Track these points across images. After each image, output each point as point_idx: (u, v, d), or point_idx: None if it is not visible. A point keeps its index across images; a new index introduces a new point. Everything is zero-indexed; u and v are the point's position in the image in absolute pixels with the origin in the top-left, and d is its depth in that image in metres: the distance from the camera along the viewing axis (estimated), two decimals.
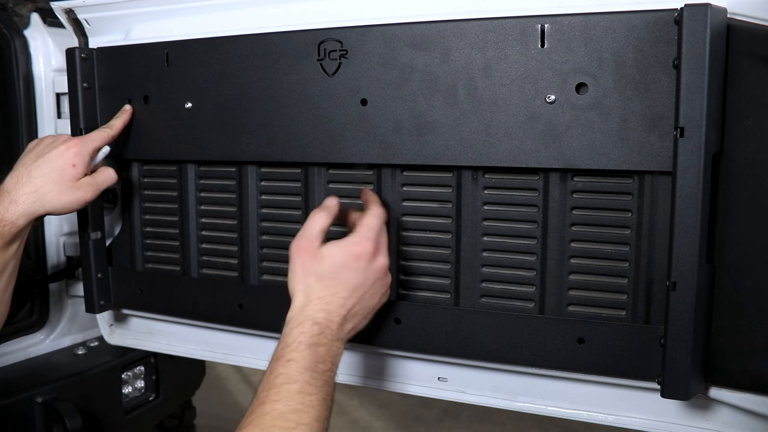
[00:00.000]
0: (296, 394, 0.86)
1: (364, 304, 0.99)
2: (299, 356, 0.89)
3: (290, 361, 0.89)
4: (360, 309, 0.98)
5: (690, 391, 0.90)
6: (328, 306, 0.95)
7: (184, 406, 2.44)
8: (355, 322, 0.98)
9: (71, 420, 1.55)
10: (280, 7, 1.17)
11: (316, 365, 0.90)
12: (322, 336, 0.93)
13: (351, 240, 0.98)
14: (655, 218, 0.94)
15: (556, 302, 1.01)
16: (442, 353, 1.10)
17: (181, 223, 1.29)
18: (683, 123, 0.85)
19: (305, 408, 0.85)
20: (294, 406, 0.85)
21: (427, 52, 1.01)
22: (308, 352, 0.90)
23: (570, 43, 0.93)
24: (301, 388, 0.87)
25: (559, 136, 0.95)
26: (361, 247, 0.97)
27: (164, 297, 1.34)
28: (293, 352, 0.90)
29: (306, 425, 0.84)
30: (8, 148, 1.65)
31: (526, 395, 1.09)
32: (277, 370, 0.89)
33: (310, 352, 0.90)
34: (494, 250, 1.05)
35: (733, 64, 0.87)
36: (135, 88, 1.26)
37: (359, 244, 0.97)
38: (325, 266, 0.96)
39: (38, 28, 1.63)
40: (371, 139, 1.06)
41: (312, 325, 0.93)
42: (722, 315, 0.91)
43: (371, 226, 0.99)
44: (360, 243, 0.97)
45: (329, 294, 0.95)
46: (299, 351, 0.90)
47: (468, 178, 1.04)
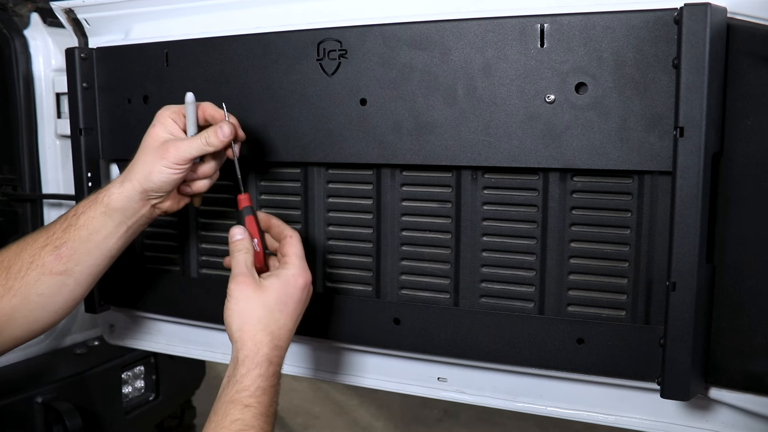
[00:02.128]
0: None
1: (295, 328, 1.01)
2: (257, 402, 0.89)
3: (248, 407, 0.89)
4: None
5: (690, 391, 0.90)
6: (279, 342, 0.95)
7: (184, 406, 2.44)
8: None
9: (71, 420, 1.55)
10: (279, 7, 1.16)
11: (269, 408, 0.91)
12: (275, 376, 0.93)
13: (290, 272, 0.99)
14: (654, 218, 0.94)
15: (556, 302, 1.01)
16: (442, 353, 1.10)
17: (181, 223, 1.29)
18: (683, 123, 0.85)
19: None
20: None
21: (426, 52, 1.01)
22: (265, 397, 0.90)
23: (569, 43, 0.93)
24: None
25: (559, 135, 0.95)
26: (303, 279, 0.99)
27: (164, 297, 1.34)
28: (251, 397, 0.90)
29: None
30: (8, 148, 1.65)
31: (526, 395, 1.09)
32: (233, 415, 0.88)
33: (267, 396, 0.91)
34: (494, 250, 1.05)
35: (733, 64, 0.87)
36: (135, 88, 1.26)
37: (300, 276, 0.99)
38: (272, 298, 0.96)
39: (38, 28, 1.64)
40: (370, 139, 1.06)
41: (268, 366, 0.92)
42: (722, 315, 0.91)
43: (300, 254, 1.01)
44: (300, 274, 0.99)
45: (278, 328, 0.95)
46: (256, 397, 0.90)
47: (467, 178, 1.04)
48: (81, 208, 1.05)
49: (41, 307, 1.05)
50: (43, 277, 1.03)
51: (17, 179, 1.65)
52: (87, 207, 1.05)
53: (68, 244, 1.04)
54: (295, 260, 1.00)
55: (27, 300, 1.04)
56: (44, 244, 1.04)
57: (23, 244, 1.06)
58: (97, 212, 1.04)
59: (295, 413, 3.57)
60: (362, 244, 1.13)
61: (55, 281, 1.04)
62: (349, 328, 1.15)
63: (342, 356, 1.22)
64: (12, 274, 1.03)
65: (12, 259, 1.04)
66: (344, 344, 1.18)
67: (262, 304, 0.95)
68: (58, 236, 1.04)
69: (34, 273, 1.03)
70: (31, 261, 1.03)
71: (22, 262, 1.03)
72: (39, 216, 1.66)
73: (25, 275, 1.03)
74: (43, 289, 1.04)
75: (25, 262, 1.03)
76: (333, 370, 1.25)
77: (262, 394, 0.90)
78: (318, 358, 1.26)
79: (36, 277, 1.03)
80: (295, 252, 1.01)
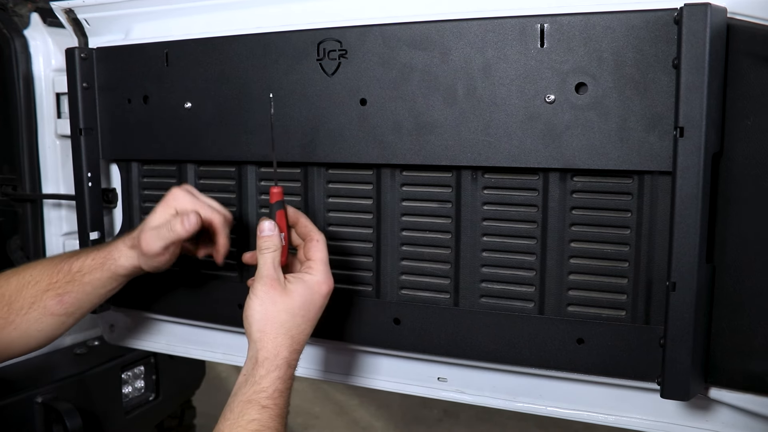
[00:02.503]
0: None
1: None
2: (274, 404, 0.90)
3: (265, 408, 0.89)
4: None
5: (690, 391, 0.90)
6: (298, 346, 0.96)
7: (184, 406, 2.44)
8: None
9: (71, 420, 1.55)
10: (279, 7, 1.16)
11: (284, 410, 0.92)
12: (291, 379, 0.94)
13: (316, 279, 0.98)
14: (654, 218, 0.94)
15: (556, 302, 1.01)
16: (442, 353, 1.10)
17: None
18: (683, 123, 0.85)
19: None
20: None
21: (426, 52, 1.01)
22: (282, 399, 0.91)
23: (569, 43, 0.93)
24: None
25: (559, 135, 0.95)
26: (327, 286, 0.99)
27: (164, 297, 1.34)
28: (269, 399, 0.90)
29: None
30: (8, 148, 1.65)
31: (525, 395, 1.09)
32: (250, 414, 0.88)
33: (283, 399, 0.92)
34: (494, 250, 1.05)
35: (733, 64, 0.87)
36: (135, 88, 1.26)
37: (325, 283, 0.99)
38: (297, 302, 0.96)
39: (38, 28, 1.64)
40: (370, 139, 1.06)
41: (287, 369, 0.93)
42: (722, 315, 0.91)
43: (326, 260, 1.00)
44: (325, 282, 0.99)
45: (299, 333, 0.96)
46: (274, 399, 0.90)
47: (467, 178, 1.04)
48: (86, 268, 1.11)
49: (38, 339, 1.14)
50: (44, 317, 1.11)
51: (17, 179, 1.65)
52: (93, 268, 1.11)
53: (72, 294, 1.11)
54: (320, 266, 0.99)
55: (27, 334, 1.12)
56: (46, 289, 1.11)
57: (22, 280, 1.12)
58: (104, 276, 1.11)
59: (295, 413, 3.57)
60: (362, 244, 1.13)
61: (55, 320, 1.12)
62: (349, 328, 1.15)
63: (342, 356, 1.22)
64: (14, 309, 1.10)
65: (13, 294, 1.10)
66: (344, 344, 1.18)
67: (286, 309, 0.95)
68: (61, 285, 1.11)
69: (35, 313, 1.10)
70: (33, 302, 1.10)
71: (23, 301, 1.10)
72: (39, 216, 1.66)
73: (27, 313, 1.10)
74: (43, 326, 1.12)
75: (26, 301, 1.10)
76: (333, 370, 1.25)
77: (279, 397, 0.91)
78: (318, 358, 1.26)
79: (37, 317, 1.11)
80: (321, 258, 1.00)
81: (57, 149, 1.64)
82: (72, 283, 1.11)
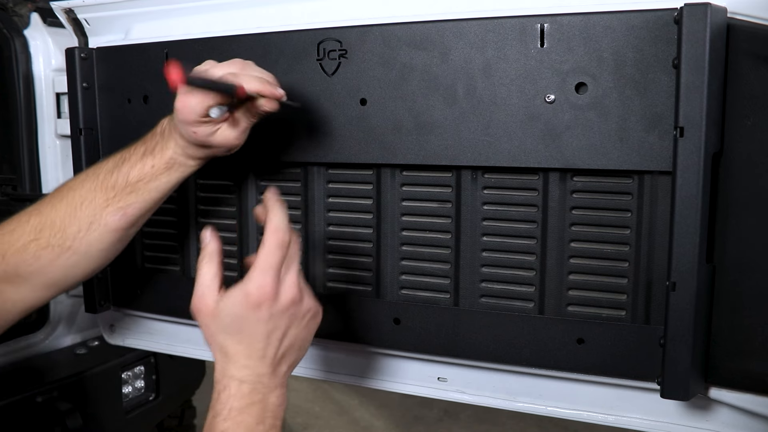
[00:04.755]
0: None
1: (290, 341, 0.89)
2: (233, 425, 0.83)
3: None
4: (289, 346, 0.90)
5: (690, 391, 0.90)
6: (248, 360, 0.86)
7: (184, 406, 2.44)
8: (289, 362, 0.91)
9: (71, 420, 1.55)
10: (279, 7, 1.16)
11: (254, 428, 0.84)
12: (254, 393, 0.85)
13: (243, 288, 0.86)
14: (654, 218, 0.94)
15: (556, 302, 1.01)
16: (442, 353, 1.10)
17: (181, 222, 1.29)
18: (683, 123, 0.85)
19: None
20: None
21: (426, 52, 1.01)
22: (242, 417, 0.84)
23: (569, 43, 0.93)
24: None
25: (559, 135, 0.95)
26: (256, 295, 0.85)
27: (164, 297, 1.34)
28: (225, 421, 0.83)
29: None
30: (8, 148, 1.65)
31: (525, 395, 1.09)
32: None
33: (245, 416, 0.84)
34: (494, 250, 1.05)
35: (733, 64, 0.87)
36: (134, 87, 1.26)
37: (252, 294, 0.85)
38: (227, 321, 0.86)
39: (38, 27, 1.64)
40: (370, 139, 1.06)
41: (239, 385, 0.85)
42: (722, 315, 0.91)
43: (263, 265, 0.86)
44: (253, 291, 0.85)
45: (244, 347, 0.87)
46: (231, 419, 0.83)
47: (467, 178, 1.04)
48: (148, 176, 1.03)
49: (100, 259, 1.09)
50: (105, 235, 1.05)
51: (17, 179, 1.65)
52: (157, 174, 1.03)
53: (135, 204, 1.05)
54: (253, 274, 0.86)
55: (87, 256, 1.07)
56: (104, 205, 1.04)
57: (72, 202, 1.05)
58: (173, 178, 1.05)
59: (295, 413, 3.57)
60: (362, 244, 1.13)
61: (118, 235, 1.07)
62: (349, 328, 1.15)
63: (342, 356, 1.22)
64: (69, 235, 1.04)
65: (66, 219, 1.04)
66: (344, 344, 1.18)
67: (219, 329, 0.87)
68: (121, 198, 1.04)
69: (95, 233, 1.05)
70: (91, 222, 1.04)
71: (79, 223, 1.04)
72: None
73: (86, 235, 1.05)
74: (105, 245, 1.06)
75: (83, 223, 1.04)
76: (333, 370, 1.25)
77: (239, 414, 0.84)
78: (318, 358, 1.26)
79: (98, 236, 1.05)
80: (258, 264, 0.86)
81: (57, 149, 1.64)
82: (134, 194, 1.04)
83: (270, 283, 0.86)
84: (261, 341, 0.87)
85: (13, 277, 1.06)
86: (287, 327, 0.88)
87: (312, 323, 0.93)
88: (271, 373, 0.88)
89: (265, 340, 0.87)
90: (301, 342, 0.91)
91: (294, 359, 0.92)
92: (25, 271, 1.05)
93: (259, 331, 0.86)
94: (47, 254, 1.05)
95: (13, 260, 1.05)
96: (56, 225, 1.04)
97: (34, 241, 1.05)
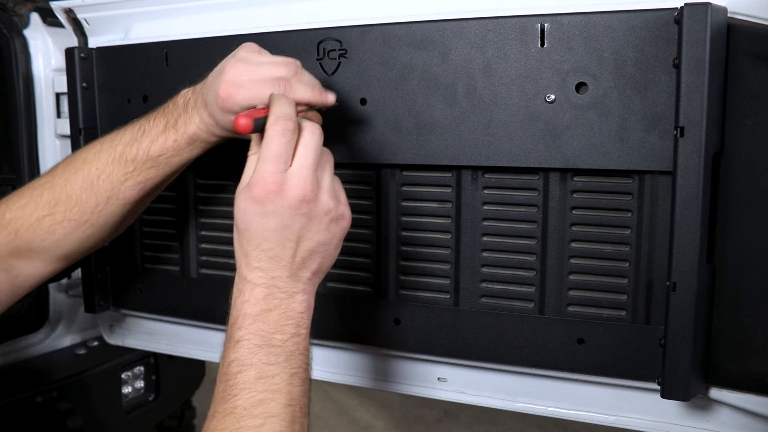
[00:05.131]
0: (255, 382, 0.74)
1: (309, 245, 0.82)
2: (246, 333, 0.77)
3: (239, 342, 0.77)
4: (309, 250, 0.82)
5: (690, 391, 0.90)
6: (259, 261, 0.80)
7: (184, 406, 2.44)
8: (312, 268, 0.83)
9: (71, 420, 1.55)
10: (279, 7, 1.16)
11: (271, 338, 0.77)
12: (270, 298, 0.79)
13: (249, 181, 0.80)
14: (655, 218, 0.94)
15: (556, 302, 1.01)
16: (442, 353, 1.10)
17: (180, 223, 1.29)
18: (683, 122, 0.84)
19: (270, 395, 0.74)
20: (257, 398, 0.73)
21: (426, 52, 1.01)
22: (256, 325, 0.77)
23: (570, 43, 0.93)
24: (259, 372, 0.75)
25: (559, 135, 0.95)
26: (256, 188, 0.78)
27: (164, 297, 1.33)
28: (239, 329, 0.78)
29: (275, 417, 0.73)
30: (8, 148, 1.65)
31: (525, 395, 1.09)
32: (229, 357, 0.77)
33: (259, 323, 0.77)
34: (494, 250, 1.04)
35: (733, 64, 0.87)
36: (134, 87, 1.26)
37: (252, 186, 0.79)
38: (237, 217, 0.81)
39: (38, 27, 1.64)
40: (371, 139, 1.06)
41: (252, 288, 0.79)
42: (722, 315, 0.91)
43: (262, 155, 0.79)
44: (253, 184, 0.79)
45: (253, 247, 0.80)
46: (245, 327, 0.77)
47: (468, 178, 1.04)
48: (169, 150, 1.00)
49: (116, 230, 1.09)
50: (122, 209, 1.05)
51: (17, 179, 1.65)
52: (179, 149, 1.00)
53: (154, 179, 1.03)
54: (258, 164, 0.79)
55: (104, 228, 1.06)
56: (123, 179, 1.02)
57: (89, 176, 1.03)
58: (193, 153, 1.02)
59: None
60: (362, 245, 1.13)
61: (135, 207, 1.07)
62: (349, 328, 1.15)
63: (342, 356, 1.22)
64: (87, 209, 1.03)
65: (83, 194, 1.03)
66: (344, 344, 1.18)
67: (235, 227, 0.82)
68: (141, 172, 1.02)
69: (113, 207, 1.04)
70: (109, 196, 1.03)
71: (97, 198, 1.03)
72: None
73: (104, 209, 1.04)
74: (122, 216, 1.06)
75: (101, 198, 1.03)
76: (333, 370, 1.25)
77: (253, 322, 0.77)
78: (318, 358, 1.25)
79: (115, 209, 1.04)
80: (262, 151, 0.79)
81: (57, 149, 1.64)
82: (155, 168, 1.02)
83: (270, 174, 0.78)
84: (271, 240, 0.80)
85: (25, 252, 1.05)
86: (302, 227, 0.80)
87: (334, 227, 0.84)
88: (289, 276, 0.81)
89: (275, 239, 0.80)
90: (322, 247, 0.83)
91: (318, 266, 0.84)
92: (39, 246, 1.05)
93: (266, 228, 0.79)
94: (62, 228, 1.04)
95: (26, 236, 1.04)
96: (72, 199, 1.03)
97: (48, 216, 1.03)
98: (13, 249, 1.04)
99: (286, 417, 0.74)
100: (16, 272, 1.06)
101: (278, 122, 0.80)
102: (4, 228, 1.04)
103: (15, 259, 1.05)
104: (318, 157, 0.82)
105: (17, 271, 1.06)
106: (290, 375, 0.77)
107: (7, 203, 1.06)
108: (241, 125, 0.81)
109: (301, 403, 0.77)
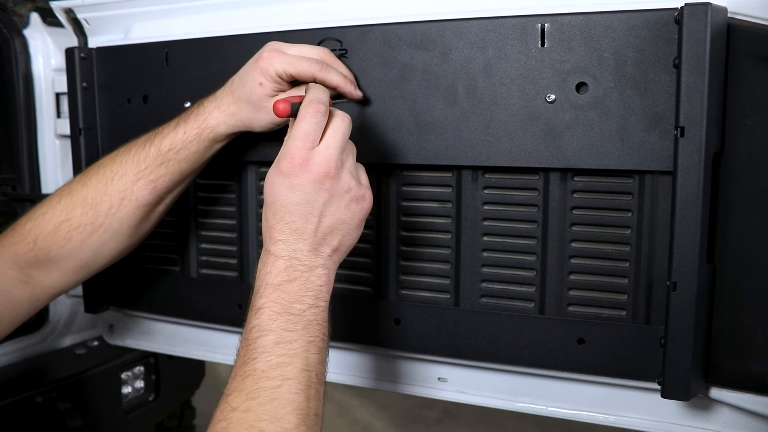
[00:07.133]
0: (274, 346, 0.77)
1: (330, 221, 0.85)
2: (267, 301, 0.80)
3: (260, 310, 0.80)
4: (330, 227, 0.85)
5: (690, 391, 0.90)
6: (281, 234, 0.83)
7: (184, 406, 2.44)
8: (333, 245, 0.86)
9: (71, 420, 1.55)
10: (279, 7, 1.16)
11: (290, 306, 0.80)
12: (291, 270, 0.82)
13: (278, 156, 0.85)
14: (655, 218, 0.94)
15: (556, 302, 1.01)
16: (442, 353, 1.10)
17: (181, 223, 1.29)
18: (683, 122, 0.85)
19: (288, 359, 0.77)
20: (275, 361, 0.76)
21: (426, 52, 1.01)
22: (276, 294, 0.81)
23: (570, 43, 0.93)
24: (278, 337, 0.78)
25: (560, 135, 0.95)
26: (284, 161, 0.83)
27: (164, 297, 1.34)
28: (261, 298, 0.81)
29: (292, 379, 0.76)
30: (8, 148, 1.65)
31: (526, 395, 1.09)
32: (250, 323, 0.80)
33: (279, 293, 0.81)
34: (494, 250, 1.04)
35: (733, 64, 0.87)
36: (134, 87, 1.26)
37: (281, 160, 0.84)
38: (266, 191, 0.85)
39: (38, 27, 1.63)
40: (370, 139, 1.06)
41: (275, 261, 0.83)
42: (723, 315, 0.91)
43: (293, 132, 0.84)
44: (282, 158, 0.84)
45: (277, 220, 0.84)
46: (266, 296, 0.81)
47: (468, 178, 1.04)
48: (178, 144, 1.03)
49: (131, 237, 1.09)
50: (136, 211, 1.06)
51: (17, 179, 1.65)
52: (187, 142, 1.02)
53: (165, 177, 1.05)
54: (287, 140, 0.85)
55: (119, 233, 1.07)
56: (135, 179, 1.04)
57: (103, 178, 1.05)
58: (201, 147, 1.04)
59: None
60: (363, 245, 1.13)
61: (147, 211, 1.08)
62: (349, 328, 1.15)
63: (342, 356, 1.22)
64: (101, 212, 1.05)
65: (97, 196, 1.04)
66: (344, 344, 1.18)
67: (264, 201, 0.87)
68: (152, 171, 1.04)
69: (126, 209, 1.05)
70: (122, 197, 1.04)
71: (111, 200, 1.04)
72: None
73: (117, 211, 1.05)
74: (136, 221, 1.07)
75: (114, 199, 1.04)
76: (333, 370, 1.24)
77: (273, 291, 0.81)
78: None
79: (129, 212, 1.05)
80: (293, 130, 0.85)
81: (57, 149, 1.64)
82: (165, 165, 1.03)
83: (298, 149, 0.83)
84: (294, 213, 0.83)
85: (44, 262, 1.06)
86: (324, 203, 0.84)
87: (354, 206, 0.87)
88: (309, 250, 0.84)
89: (298, 212, 0.83)
90: (343, 225, 0.86)
91: (338, 243, 0.87)
92: (57, 255, 1.06)
93: (290, 200, 0.83)
94: (78, 234, 1.05)
95: (44, 244, 1.05)
96: (87, 202, 1.05)
97: (65, 222, 1.05)
98: (32, 259, 1.06)
99: (302, 380, 0.77)
100: (35, 284, 1.07)
101: (311, 104, 0.85)
102: (24, 238, 1.06)
103: (34, 270, 1.07)
104: (345, 141, 0.87)
105: (36, 283, 1.07)
106: (307, 342, 0.79)
107: (29, 214, 1.08)
108: (279, 109, 0.86)
109: (318, 371, 0.80)
